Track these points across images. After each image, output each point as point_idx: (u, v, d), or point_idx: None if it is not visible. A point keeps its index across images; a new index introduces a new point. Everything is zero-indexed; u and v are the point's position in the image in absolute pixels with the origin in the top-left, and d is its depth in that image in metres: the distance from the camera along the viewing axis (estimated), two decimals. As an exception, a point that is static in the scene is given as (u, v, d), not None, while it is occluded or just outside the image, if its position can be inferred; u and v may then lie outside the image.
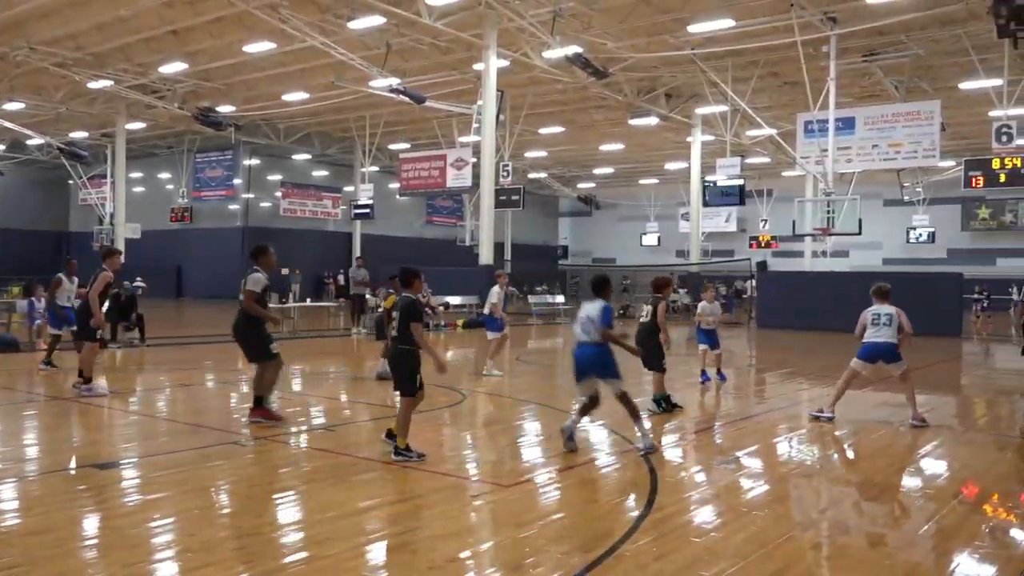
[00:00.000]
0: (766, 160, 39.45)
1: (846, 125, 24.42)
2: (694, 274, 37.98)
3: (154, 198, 45.23)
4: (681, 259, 47.76)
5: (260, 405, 8.55)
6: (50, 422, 9.07)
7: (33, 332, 16.24)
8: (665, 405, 9.81)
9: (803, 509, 6.24)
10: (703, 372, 12.79)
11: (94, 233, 37.01)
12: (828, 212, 23.62)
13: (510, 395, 11.40)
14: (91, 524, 5.45)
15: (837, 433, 8.95)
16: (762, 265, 30.52)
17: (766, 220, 47.53)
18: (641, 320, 9.95)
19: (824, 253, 38.18)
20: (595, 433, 8.73)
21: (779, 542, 5.18)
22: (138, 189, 45.51)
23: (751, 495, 6.44)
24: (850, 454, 8.21)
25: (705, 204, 32.12)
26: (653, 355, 9.59)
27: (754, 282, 30.56)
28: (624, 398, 7.51)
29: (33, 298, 16.56)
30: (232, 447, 7.59)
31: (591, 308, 7.45)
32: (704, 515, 5.87)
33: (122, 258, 11.42)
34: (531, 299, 31.26)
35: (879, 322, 9.28)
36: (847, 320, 10.58)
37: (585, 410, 7.66)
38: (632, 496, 6.30)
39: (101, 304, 10.48)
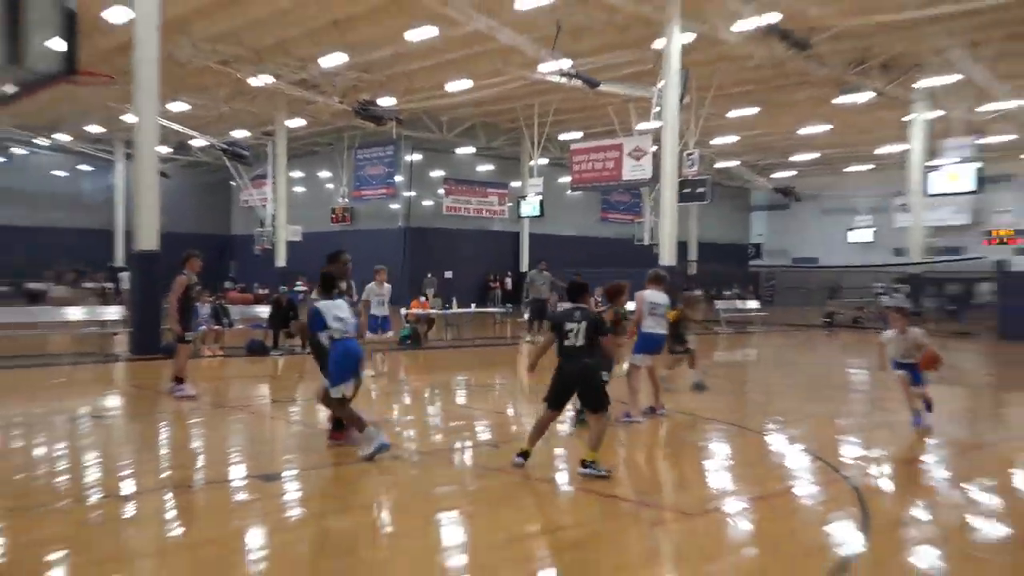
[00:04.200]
0: (1011, 137, 36.65)
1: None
2: (915, 276, 35.94)
3: (315, 199, 47.83)
4: (900, 258, 45.32)
5: (340, 428, 8.47)
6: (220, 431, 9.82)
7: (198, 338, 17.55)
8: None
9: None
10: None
11: (255, 236, 39.43)
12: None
13: (692, 413, 11.00)
14: (256, 537, 5.84)
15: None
16: (1001, 264, 28.44)
17: (1009, 210, 44.35)
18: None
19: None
20: (794, 458, 8.48)
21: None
22: (299, 189, 48.31)
23: (985, 537, 6.07)
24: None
25: (929, 194, 30.27)
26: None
27: (991, 285, 28.51)
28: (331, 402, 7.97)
29: (198, 303, 17.86)
30: (394, 461, 7.83)
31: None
32: (927, 559, 5.59)
33: (200, 261, 11.99)
34: (719, 304, 30.58)
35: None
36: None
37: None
38: (838, 532, 6.09)
39: (182, 310, 11.53)
